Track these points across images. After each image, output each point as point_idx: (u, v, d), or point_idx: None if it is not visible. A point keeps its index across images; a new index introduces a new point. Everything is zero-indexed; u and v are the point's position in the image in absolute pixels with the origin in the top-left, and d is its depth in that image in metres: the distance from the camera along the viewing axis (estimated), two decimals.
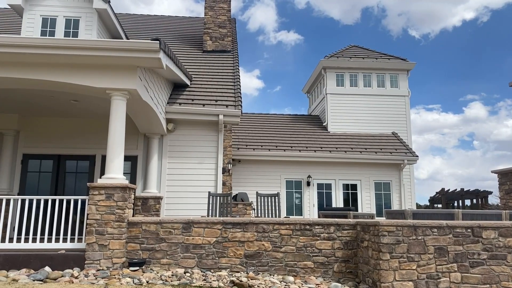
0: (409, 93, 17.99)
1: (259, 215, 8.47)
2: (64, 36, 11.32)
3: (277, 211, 8.37)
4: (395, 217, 8.00)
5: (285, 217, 9.87)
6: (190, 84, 11.44)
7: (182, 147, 10.37)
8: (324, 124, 17.78)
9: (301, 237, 6.72)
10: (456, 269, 5.75)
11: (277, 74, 60.40)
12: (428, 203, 25.65)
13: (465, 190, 19.96)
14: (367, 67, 17.95)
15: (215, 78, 12.13)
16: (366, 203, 15.25)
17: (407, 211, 7.17)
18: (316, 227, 6.77)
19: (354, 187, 15.41)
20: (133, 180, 10.04)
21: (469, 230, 5.88)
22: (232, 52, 14.27)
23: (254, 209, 11.89)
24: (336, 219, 6.88)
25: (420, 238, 5.76)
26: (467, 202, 20.93)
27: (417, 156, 15.55)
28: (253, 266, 6.57)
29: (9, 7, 15.81)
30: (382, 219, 6.64)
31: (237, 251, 6.61)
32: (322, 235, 6.74)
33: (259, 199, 8.49)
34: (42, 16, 11.44)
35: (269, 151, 14.90)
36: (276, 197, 8.44)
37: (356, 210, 14.71)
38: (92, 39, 6.55)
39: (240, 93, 11.13)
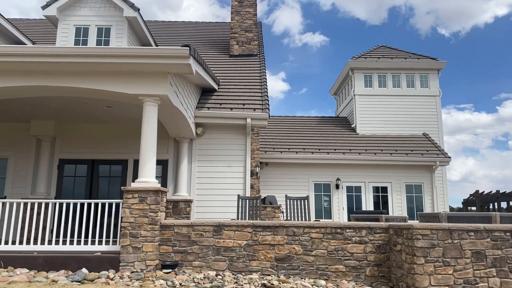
0: (440, 93, 17.54)
1: (289, 218, 8.45)
2: (96, 44, 11.70)
3: (307, 214, 8.33)
4: (428, 220, 7.81)
5: (315, 220, 9.81)
6: (218, 88, 11.57)
7: (211, 151, 10.50)
8: (352, 125, 17.57)
9: (332, 241, 6.66)
10: (494, 274, 5.56)
11: (303, 77, 60.16)
12: (461, 206, 24.85)
13: (501, 192, 19.22)
14: (396, 67, 17.62)
15: (242, 82, 12.22)
16: (397, 206, 14.94)
17: (442, 214, 6.99)
18: (347, 230, 6.70)
19: (384, 189, 15.13)
20: (164, 183, 10.23)
21: (508, 233, 5.67)
22: (258, 55, 14.34)
23: (282, 212, 11.89)
24: (367, 223, 6.78)
25: (456, 242, 5.60)
26: (503, 204, 20.14)
27: (450, 157, 15.11)
28: (284, 270, 6.56)
29: (44, 18, 16.51)
30: (415, 223, 6.50)
31: (267, 254, 6.62)
32: (353, 238, 6.66)
33: (288, 202, 8.48)
34: (75, 26, 11.86)
35: (296, 154, 14.85)
36: (306, 200, 8.40)
37: (387, 213, 14.42)
38: (125, 47, 6.74)
39: (267, 96, 11.17)
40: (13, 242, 6.88)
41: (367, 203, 14.97)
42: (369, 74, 17.75)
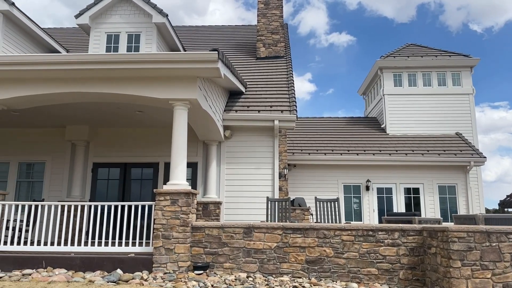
0: (474, 90, 16.98)
1: (319, 221, 8.38)
2: (127, 51, 12.01)
3: (338, 216, 8.24)
4: (464, 222, 7.58)
5: (346, 222, 9.67)
6: (245, 91, 11.64)
7: (239, 153, 10.56)
8: (382, 126, 17.26)
9: (363, 243, 6.57)
10: None
11: (329, 77, 59.61)
12: (497, 207, 23.95)
13: None
14: (426, 65, 17.20)
15: (269, 84, 12.24)
16: (430, 208, 14.55)
17: (479, 216, 6.76)
18: (380, 233, 6.58)
19: (416, 191, 14.77)
20: (194, 185, 10.37)
21: None
22: (285, 57, 14.33)
23: (312, 214, 11.81)
24: (400, 225, 6.65)
25: (494, 245, 5.41)
26: None
27: (485, 157, 14.60)
28: (315, 272, 6.51)
29: (77, 27, 17.08)
30: (450, 225, 6.33)
31: (298, 256, 6.59)
32: (386, 241, 6.54)
33: (318, 204, 8.42)
34: (106, 33, 12.22)
35: (325, 155, 14.71)
36: (336, 202, 8.32)
37: (420, 215, 14.06)
38: (155, 53, 6.89)
39: (295, 98, 11.14)
40: (52, 243, 7.14)
41: (399, 205, 14.65)
42: (398, 73, 17.40)
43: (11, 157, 10.62)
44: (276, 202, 8.44)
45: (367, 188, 14.67)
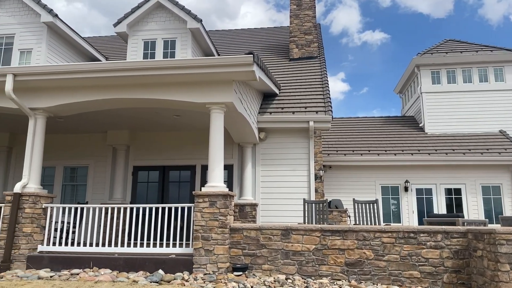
0: None
1: (357, 223, 8.26)
2: (163, 56, 12.32)
3: (377, 218, 8.09)
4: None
5: (386, 224, 9.48)
6: (279, 92, 11.65)
7: (274, 155, 10.58)
8: (420, 125, 16.77)
9: (405, 245, 6.42)
10: None
11: (363, 76, 58.49)
12: None
13: None
14: (466, 61, 16.56)
15: (303, 85, 12.19)
16: (473, 209, 13.99)
17: None
18: (421, 235, 6.41)
19: (457, 191, 14.24)
20: (230, 187, 10.47)
21: None
22: (318, 57, 14.23)
23: (349, 216, 11.64)
24: (443, 227, 6.45)
25: None
26: None
27: None
28: (355, 275, 6.42)
29: (114, 35, 17.69)
30: (497, 226, 6.07)
31: (337, 258, 6.52)
32: (428, 243, 6.36)
33: (356, 206, 8.30)
34: (143, 40, 12.59)
35: (361, 156, 14.47)
36: (375, 204, 8.16)
37: (463, 216, 13.54)
38: (191, 58, 7.03)
39: (330, 98, 11.04)
40: (97, 244, 7.41)
41: (439, 206, 14.18)
42: (436, 71, 16.86)
43: (57, 162, 11.14)
44: (313, 204, 8.39)
45: (406, 189, 14.29)
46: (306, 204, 8.41)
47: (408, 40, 54.40)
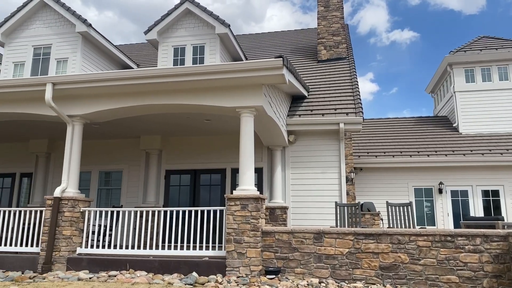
0: None
1: (391, 226, 8.11)
2: (192, 62, 12.53)
3: (411, 221, 7.92)
4: None
5: (421, 227, 9.24)
6: (308, 95, 11.61)
7: (304, 158, 10.53)
8: (454, 125, 16.29)
9: (441, 249, 6.25)
10: None
11: (392, 76, 57.33)
12: None
13: None
14: (502, 58, 15.97)
15: (332, 86, 12.10)
16: None
17: None
18: (459, 238, 6.23)
19: (495, 193, 13.72)
20: (260, 191, 10.40)
21: None
22: (347, 58, 14.09)
23: (382, 219, 11.44)
24: (482, 230, 6.24)
25: None
26: None
27: None
28: (390, 279, 6.31)
29: (144, 42, 18.13)
30: None
31: (371, 262, 6.43)
32: (466, 247, 6.18)
33: (389, 209, 8.15)
34: (173, 47, 12.85)
35: (393, 158, 14.18)
36: (409, 207, 7.99)
37: (503, 219, 13.02)
38: (221, 64, 7.12)
39: (360, 99, 10.90)
40: (132, 247, 7.61)
41: (476, 209, 13.71)
42: (470, 69, 16.35)
43: (93, 167, 11.51)
44: (345, 207, 8.30)
45: (440, 191, 13.90)
46: (338, 207, 8.32)
47: (439, 38, 52.97)
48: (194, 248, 7.42)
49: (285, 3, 60.57)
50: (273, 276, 6.49)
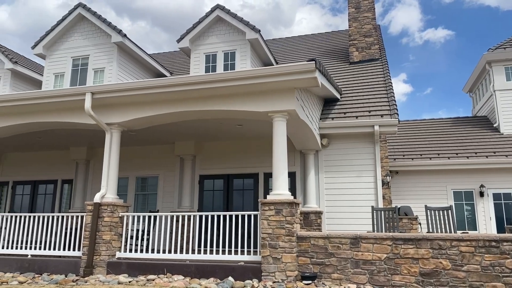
0: None
1: (430, 231, 7.85)
2: (224, 68, 12.67)
3: (452, 226, 7.64)
4: None
5: (463, 232, 8.88)
6: (340, 97, 11.47)
7: (337, 161, 10.39)
8: (494, 125, 15.63)
9: (486, 255, 5.99)
10: None
11: (427, 76, 55.73)
12: None
13: None
14: None
15: (365, 88, 11.90)
16: None
17: None
18: (504, 243, 5.95)
19: None
20: (293, 195, 10.33)
21: None
22: (380, 59, 13.83)
23: (420, 223, 11.10)
24: None
25: None
26: None
27: None
28: (431, 285, 6.10)
29: (175, 50, 18.52)
30: None
31: (411, 268, 6.24)
32: None
33: (428, 213, 7.89)
34: (205, 54, 13.05)
35: (430, 160, 13.77)
36: (449, 211, 7.71)
37: None
38: (253, 69, 7.14)
39: (395, 101, 10.66)
40: (169, 251, 7.74)
41: None
42: (511, 66, 15.65)
43: (130, 173, 11.83)
44: (382, 212, 8.11)
45: (481, 194, 13.35)
46: (374, 211, 8.15)
47: (475, 36, 51.10)
48: (229, 252, 7.45)
49: (314, 6, 60.29)
50: (310, 281, 6.41)
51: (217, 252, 7.51)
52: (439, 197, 13.61)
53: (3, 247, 8.60)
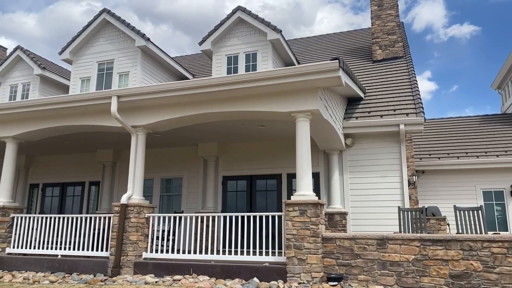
0: None
1: (459, 231, 7.64)
2: (245, 70, 12.68)
3: (482, 226, 7.41)
4: None
5: (494, 233, 8.60)
6: (364, 96, 11.32)
7: (362, 161, 10.25)
8: None
9: None
10: None
11: (452, 73, 54.41)
12: None
13: None
14: None
15: (389, 86, 11.71)
16: None
17: None
18: None
19: None
20: (317, 196, 10.32)
21: None
22: (404, 57, 13.58)
23: (448, 224, 10.83)
24: None
25: None
26: None
27: None
28: None
29: (198, 53, 18.70)
30: None
31: (440, 270, 6.09)
32: None
33: (457, 213, 7.69)
34: (226, 56, 13.10)
35: (458, 159, 13.42)
36: (479, 211, 7.49)
37: None
38: (276, 69, 7.12)
39: (420, 99, 10.44)
40: (194, 252, 7.80)
41: None
42: None
43: (155, 174, 12.00)
44: (409, 212, 7.95)
45: None
46: (401, 212, 8.00)
47: (503, 32, 49.56)
48: (254, 253, 7.45)
49: (335, 5, 59.80)
50: (336, 283, 6.35)
51: (242, 253, 7.51)
52: (468, 197, 13.24)
53: (34, 247, 8.87)
